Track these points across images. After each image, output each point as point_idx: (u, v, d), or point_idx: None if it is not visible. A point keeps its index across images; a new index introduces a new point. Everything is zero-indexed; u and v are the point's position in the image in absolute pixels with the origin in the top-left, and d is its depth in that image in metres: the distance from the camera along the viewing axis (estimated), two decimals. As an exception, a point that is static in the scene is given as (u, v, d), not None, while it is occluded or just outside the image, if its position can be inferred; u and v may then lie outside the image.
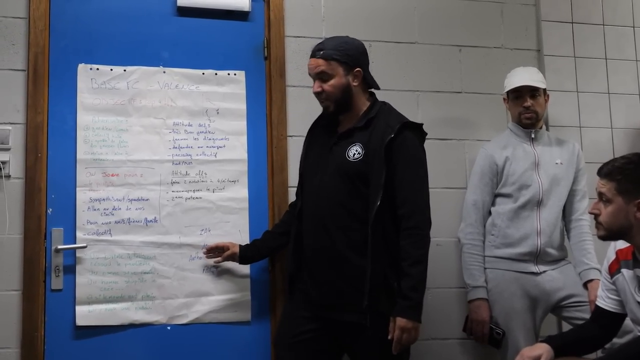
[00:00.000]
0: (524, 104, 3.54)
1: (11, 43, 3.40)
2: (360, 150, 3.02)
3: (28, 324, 3.26)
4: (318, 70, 3.06)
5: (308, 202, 3.13)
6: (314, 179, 3.11)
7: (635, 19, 4.20)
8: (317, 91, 3.08)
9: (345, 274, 2.96)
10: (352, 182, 2.99)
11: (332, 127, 3.16)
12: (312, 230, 3.07)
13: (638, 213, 2.65)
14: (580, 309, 3.37)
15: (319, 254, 3.03)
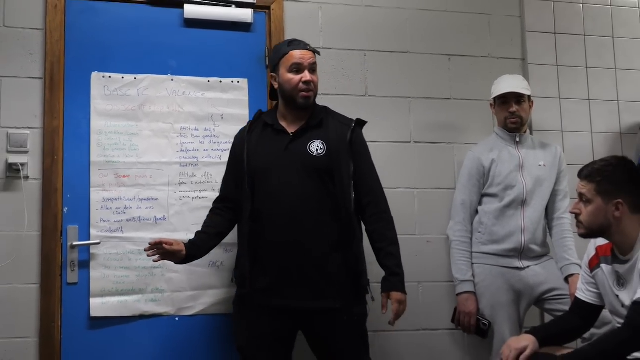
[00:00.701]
0: (509, 109, 3.55)
1: (29, 52, 3.41)
2: (322, 145, 3.03)
3: (46, 315, 3.28)
4: (312, 61, 3.07)
5: (272, 201, 2.98)
6: (272, 178, 3.00)
7: (614, 30, 4.20)
8: (308, 80, 3.03)
9: (319, 265, 2.93)
10: (319, 176, 2.98)
11: (277, 128, 3.08)
12: (281, 227, 2.94)
13: (617, 212, 2.66)
14: (561, 302, 3.38)
15: (291, 249, 2.93)
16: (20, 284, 3.28)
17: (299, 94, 3.03)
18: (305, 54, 3.06)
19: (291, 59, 3.04)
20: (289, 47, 3.08)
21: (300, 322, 3.00)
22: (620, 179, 2.70)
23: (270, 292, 2.94)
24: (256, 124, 3.14)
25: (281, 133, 3.07)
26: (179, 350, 3.45)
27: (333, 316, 2.95)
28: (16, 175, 3.32)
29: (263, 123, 3.12)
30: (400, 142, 3.84)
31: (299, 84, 3.02)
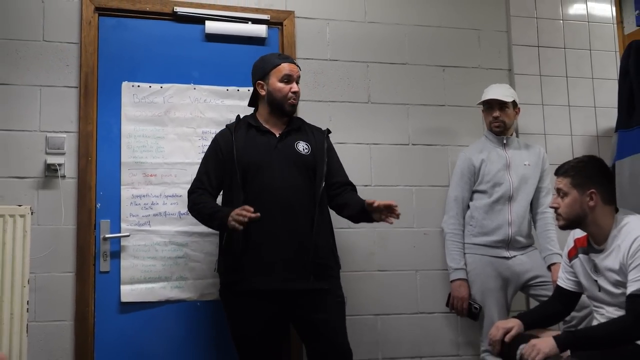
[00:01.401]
0: (493, 114, 3.60)
1: (66, 64, 3.46)
2: (307, 146, 3.16)
3: (80, 300, 3.34)
4: (299, 75, 3.19)
5: (264, 193, 2.99)
6: (266, 173, 3.03)
7: (591, 43, 4.23)
8: (296, 90, 3.15)
9: (305, 249, 2.98)
10: (306, 171, 3.10)
11: (261, 130, 3.14)
12: (276, 216, 2.96)
13: (591, 202, 2.73)
14: (544, 288, 3.44)
15: (283, 236, 2.97)
16: (57, 273, 3.33)
17: (288, 101, 3.13)
18: (294, 67, 3.17)
19: (283, 70, 3.13)
20: (279, 59, 3.18)
21: (294, 305, 3.00)
22: (592, 173, 2.78)
23: (266, 278, 2.95)
24: (239, 126, 3.17)
25: (267, 134, 3.14)
26: (201, 332, 3.49)
27: (323, 297, 3.01)
28: (54, 174, 3.36)
29: (246, 124, 3.17)
30: (399, 145, 3.87)
31: (289, 93, 3.12)
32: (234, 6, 3.75)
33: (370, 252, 3.60)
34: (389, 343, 3.71)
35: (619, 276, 2.67)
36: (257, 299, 2.95)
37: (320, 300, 3.01)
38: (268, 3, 3.80)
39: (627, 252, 2.63)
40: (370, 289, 3.62)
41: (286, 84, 3.13)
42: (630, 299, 2.57)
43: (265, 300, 2.95)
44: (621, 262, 2.65)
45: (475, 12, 4.12)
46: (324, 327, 3.02)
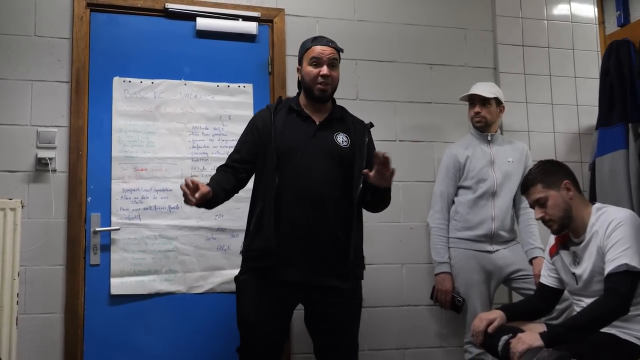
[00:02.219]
0: (474, 109, 3.60)
1: (57, 59, 3.42)
2: (346, 139, 2.92)
3: (71, 293, 3.29)
4: (333, 57, 2.91)
5: (297, 180, 2.79)
6: (301, 160, 2.81)
7: (574, 43, 4.21)
8: (326, 74, 2.87)
9: (333, 245, 2.80)
10: (342, 164, 2.86)
11: (303, 115, 2.93)
12: (305, 206, 2.78)
13: (570, 193, 2.73)
14: (526, 281, 3.43)
15: (313, 227, 2.77)
16: (48, 266, 3.29)
17: (316, 86, 2.89)
18: (325, 49, 2.91)
19: (312, 53, 2.90)
20: (312, 43, 2.95)
21: (310, 297, 2.83)
22: (553, 169, 2.79)
23: (287, 267, 2.76)
24: (279, 107, 2.96)
25: (307, 120, 2.92)
26: (190, 324, 3.45)
27: (344, 295, 2.84)
28: (45, 168, 3.32)
29: (288, 107, 2.96)
30: (387, 141, 3.83)
31: (317, 77, 2.88)
32: (225, 3, 3.71)
33: (357, 245, 3.55)
34: (375, 335, 3.70)
35: (598, 263, 2.66)
36: (276, 286, 2.76)
37: (342, 299, 2.84)
38: (259, 0, 3.78)
39: (604, 234, 2.64)
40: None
41: (315, 67, 2.89)
42: (608, 278, 2.57)
43: (284, 289, 2.77)
44: (599, 245, 2.66)
45: (462, 12, 4.11)
46: (336, 327, 2.87)
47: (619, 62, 3.28)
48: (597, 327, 2.56)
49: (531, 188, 2.77)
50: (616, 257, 2.56)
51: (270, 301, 2.78)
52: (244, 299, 2.86)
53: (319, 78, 2.88)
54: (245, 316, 2.82)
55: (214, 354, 3.44)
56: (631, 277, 2.55)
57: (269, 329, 2.79)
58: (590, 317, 2.56)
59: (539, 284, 3.01)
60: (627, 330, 2.59)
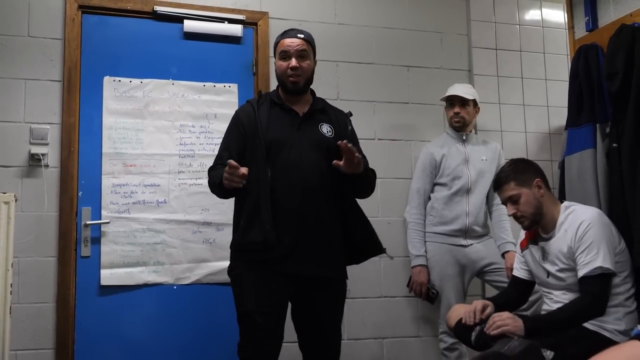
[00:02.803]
0: (454, 110, 3.60)
1: (50, 59, 3.41)
2: (330, 129, 2.85)
3: (62, 283, 3.29)
4: (300, 48, 2.81)
5: (287, 172, 2.69)
6: (290, 152, 2.72)
7: (545, 47, 4.23)
8: (294, 66, 2.78)
9: (329, 235, 2.75)
10: (329, 154, 2.73)
11: (285, 108, 2.83)
12: (297, 197, 2.69)
13: (541, 191, 2.75)
14: (498, 274, 3.45)
15: (306, 218, 2.69)
16: (40, 257, 3.29)
17: (288, 79, 2.80)
18: (293, 41, 2.82)
19: (281, 47, 2.83)
20: (281, 37, 2.87)
21: (304, 287, 2.72)
22: (525, 168, 2.81)
23: (289, 259, 2.66)
24: (261, 101, 2.86)
25: (290, 112, 2.83)
26: (177, 314, 3.45)
27: (334, 286, 2.80)
28: (38, 164, 3.32)
29: (270, 101, 2.86)
30: (366, 139, 3.76)
31: (287, 70, 2.79)
32: (212, 6, 3.71)
33: (337, 239, 3.57)
34: (354, 325, 3.71)
35: (566, 259, 2.69)
36: (277, 278, 2.65)
37: (332, 291, 2.80)
38: (244, 4, 3.78)
39: (575, 236, 2.66)
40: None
41: (284, 60, 2.81)
42: (584, 281, 2.60)
43: (285, 280, 2.66)
44: (569, 245, 2.67)
45: (438, 16, 4.12)
46: (328, 319, 2.80)
47: (588, 66, 3.31)
48: (574, 324, 2.59)
49: (504, 186, 2.78)
50: (590, 260, 2.58)
51: (271, 293, 2.67)
52: (244, 292, 2.71)
53: (289, 70, 2.80)
54: (246, 309, 2.68)
55: (199, 342, 3.44)
56: (605, 279, 2.59)
57: (272, 324, 2.68)
58: (569, 315, 2.59)
59: (512, 276, 3.02)
60: (595, 322, 2.62)
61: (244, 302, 2.70)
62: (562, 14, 4.14)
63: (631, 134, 2.96)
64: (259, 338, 2.65)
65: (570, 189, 3.27)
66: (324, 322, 2.81)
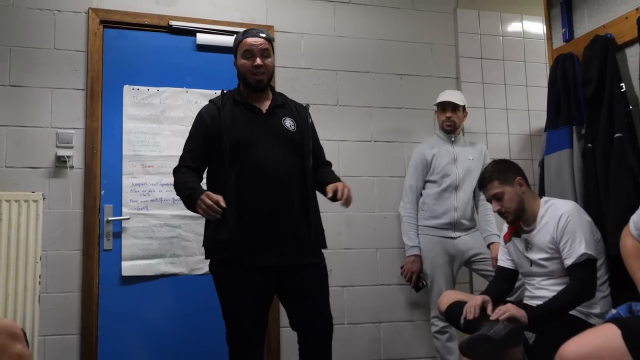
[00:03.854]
0: (446, 114, 3.61)
1: (74, 69, 3.43)
2: (292, 122, 2.74)
3: (87, 274, 3.31)
4: (263, 47, 2.70)
5: (256, 168, 2.60)
6: (255, 148, 2.62)
7: (526, 56, 4.25)
8: (259, 64, 2.67)
9: (299, 225, 2.64)
10: (294, 147, 2.70)
11: (248, 106, 2.72)
12: (267, 192, 2.59)
13: (522, 188, 2.76)
14: (484, 263, 3.47)
15: (278, 211, 2.60)
16: (66, 250, 3.31)
17: (252, 77, 2.69)
18: (256, 40, 2.70)
19: (244, 46, 2.70)
20: (243, 36, 2.74)
21: (283, 276, 2.64)
22: (506, 167, 2.82)
23: (257, 253, 2.57)
24: (224, 101, 2.74)
25: (253, 110, 2.72)
26: (191, 302, 3.47)
27: (312, 270, 2.69)
28: (64, 165, 3.33)
29: (232, 100, 2.74)
30: (363, 141, 3.87)
31: (252, 68, 2.68)
32: (222, 21, 3.72)
33: (338, 232, 3.61)
34: (353, 310, 3.72)
35: (549, 249, 2.70)
36: (249, 273, 2.57)
37: (309, 273, 2.67)
38: (251, 18, 3.79)
39: (556, 227, 2.66)
40: (338, 264, 3.63)
41: (248, 59, 2.69)
42: (572, 269, 2.60)
43: (257, 274, 2.57)
44: (551, 236, 2.68)
45: (429, 29, 4.13)
46: (310, 297, 2.68)
47: (565, 73, 3.31)
48: (569, 309, 2.59)
49: (488, 185, 2.79)
50: (575, 249, 2.59)
51: (248, 289, 2.59)
52: (224, 292, 2.66)
53: (254, 69, 2.69)
54: (228, 307, 2.64)
55: (211, 327, 3.41)
56: (591, 264, 2.60)
57: (253, 316, 2.60)
58: (565, 302, 2.57)
59: (498, 267, 3.01)
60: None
61: (226, 299, 2.64)
62: (541, 26, 4.16)
63: (604, 135, 2.98)
64: (243, 329, 2.60)
65: (549, 186, 3.28)
66: (310, 305, 2.69)
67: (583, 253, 2.58)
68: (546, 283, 2.73)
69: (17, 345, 1.77)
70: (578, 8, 3.40)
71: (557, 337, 2.22)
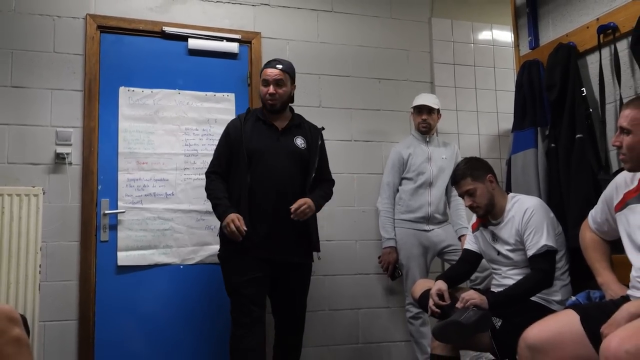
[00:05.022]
0: (422, 117, 3.61)
1: (72, 72, 3.39)
2: (303, 141, 3.01)
3: (84, 264, 3.29)
4: (277, 78, 2.97)
5: (265, 177, 2.88)
6: (268, 160, 2.90)
7: (495, 62, 4.25)
8: (272, 93, 2.95)
9: (295, 229, 2.90)
10: (301, 163, 2.97)
11: (267, 124, 3.00)
12: (274, 198, 2.87)
13: (493, 185, 2.76)
14: (456, 254, 3.42)
15: (278, 215, 2.86)
16: (65, 242, 3.28)
17: (267, 102, 2.98)
18: (272, 71, 2.98)
19: (264, 75, 3.00)
20: (264, 66, 3.05)
21: (277, 270, 2.93)
22: (478, 165, 2.82)
23: (261, 246, 2.85)
24: (248, 117, 3.04)
25: (271, 127, 2.99)
26: (183, 289, 3.45)
27: (302, 269, 3.02)
28: (62, 161, 3.30)
29: (255, 117, 3.02)
30: (344, 141, 3.86)
31: (266, 95, 2.98)
32: (212, 27, 3.70)
33: (320, 226, 3.53)
34: (334, 298, 3.72)
35: (514, 240, 2.70)
36: (252, 261, 2.85)
37: (299, 273, 3.00)
38: (239, 25, 3.76)
39: (522, 220, 2.66)
40: (320, 255, 3.59)
41: (265, 86, 2.98)
42: (533, 259, 2.61)
43: (257, 262, 2.86)
44: (517, 228, 2.68)
45: (405, 37, 4.12)
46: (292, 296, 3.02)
47: (531, 78, 3.32)
48: (528, 296, 2.59)
49: (462, 181, 2.77)
50: (537, 241, 2.59)
51: (251, 269, 2.84)
52: (229, 271, 2.92)
53: (267, 96, 2.97)
54: (233, 285, 2.89)
55: (202, 313, 3.44)
56: (551, 255, 2.60)
57: (254, 294, 2.84)
58: (524, 289, 2.58)
59: (464, 249, 3.00)
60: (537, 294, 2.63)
61: (231, 280, 2.90)
62: (509, 34, 4.15)
63: (566, 136, 2.99)
64: (245, 305, 2.83)
65: (516, 182, 3.28)
66: (294, 296, 3.01)
67: (544, 245, 2.59)
68: (512, 273, 2.73)
69: (15, 329, 1.74)
70: (543, 18, 3.42)
71: (521, 322, 2.24)
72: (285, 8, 3.87)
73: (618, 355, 1.66)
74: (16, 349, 1.70)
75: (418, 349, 3.52)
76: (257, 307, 2.86)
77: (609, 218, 2.34)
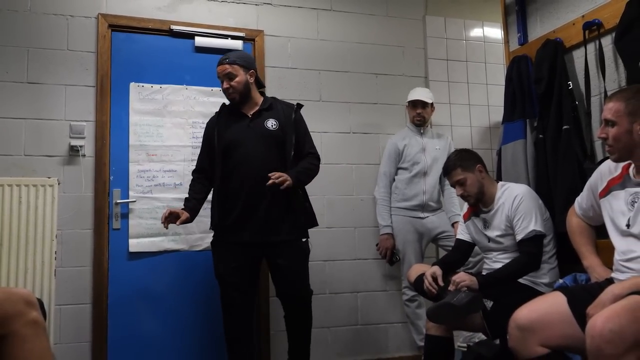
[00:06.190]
0: (417, 111, 3.61)
1: (85, 68, 3.38)
2: (275, 122, 2.90)
3: (98, 250, 3.29)
4: (225, 72, 2.90)
5: (241, 164, 2.83)
6: (241, 147, 2.84)
7: (486, 58, 4.22)
8: (225, 87, 2.90)
9: (270, 211, 2.81)
10: (275, 144, 2.87)
11: (238, 114, 2.94)
12: (250, 183, 2.80)
13: (482, 174, 2.75)
14: (449, 240, 3.46)
15: (257, 198, 2.80)
16: (79, 229, 3.28)
17: (228, 97, 2.95)
18: (220, 68, 2.92)
19: (217, 75, 2.96)
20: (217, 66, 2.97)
21: (264, 252, 2.88)
22: (467, 156, 2.80)
23: (237, 232, 2.83)
24: (222, 112, 3.01)
25: (242, 116, 2.93)
26: (191, 274, 3.45)
27: (291, 248, 2.86)
28: (76, 154, 3.30)
29: (228, 110, 2.99)
30: (343, 133, 3.84)
31: (224, 92, 2.95)
32: (217, 25, 3.68)
33: (321, 213, 3.57)
34: (333, 282, 3.72)
35: (504, 226, 2.69)
36: (234, 247, 2.84)
37: (288, 251, 2.85)
38: (243, 23, 3.74)
39: (511, 206, 2.66)
40: (321, 242, 3.62)
41: (221, 84, 2.94)
42: (522, 243, 2.61)
43: (241, 249, 2.83)
44: (507, 215, 2.68)
45: (401, 34, 4.09)
46: (288, 273, 2.88)
47: (520, 73, 3.31)
48: (516, 277, 2.60)
49: (452, 172, 2.77)
50: (525, 226, 2.59)
51: (234, 257, 2.84)
52: (216, 258, 2.93)
53: (225, 92, 2.94)
54: (217, 270, 2.91)
55: (209, 297, 3.42)
56: (538, 239, 2.60)
57: (237, 280, 2.85)
58: (512, 271, 2.59)
59: (457, 239, 3.01)
60: (526, 277, 2.64)
61: (217, 267, 2.92)
62: (499, 31, 4.11)
63: (554, 127, 2.98)
64: (229, 291, 2.86)
65: (506, 172, 3.28)
66: (289, 279, 2.89)
67: (532, 230, 2.59)
68: (502, 257, 2.73)
69: (32, 312, 1.73)
70: (532, 15, 3.41)
71: (511, 304, 2.24)
72: (287, 7, 3.84)
73: (603, 334, 1.67)
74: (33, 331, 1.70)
75: (414, 330, 3.53)
76: (240, 293, 2.85)
77: (594, 204, 2.34)
